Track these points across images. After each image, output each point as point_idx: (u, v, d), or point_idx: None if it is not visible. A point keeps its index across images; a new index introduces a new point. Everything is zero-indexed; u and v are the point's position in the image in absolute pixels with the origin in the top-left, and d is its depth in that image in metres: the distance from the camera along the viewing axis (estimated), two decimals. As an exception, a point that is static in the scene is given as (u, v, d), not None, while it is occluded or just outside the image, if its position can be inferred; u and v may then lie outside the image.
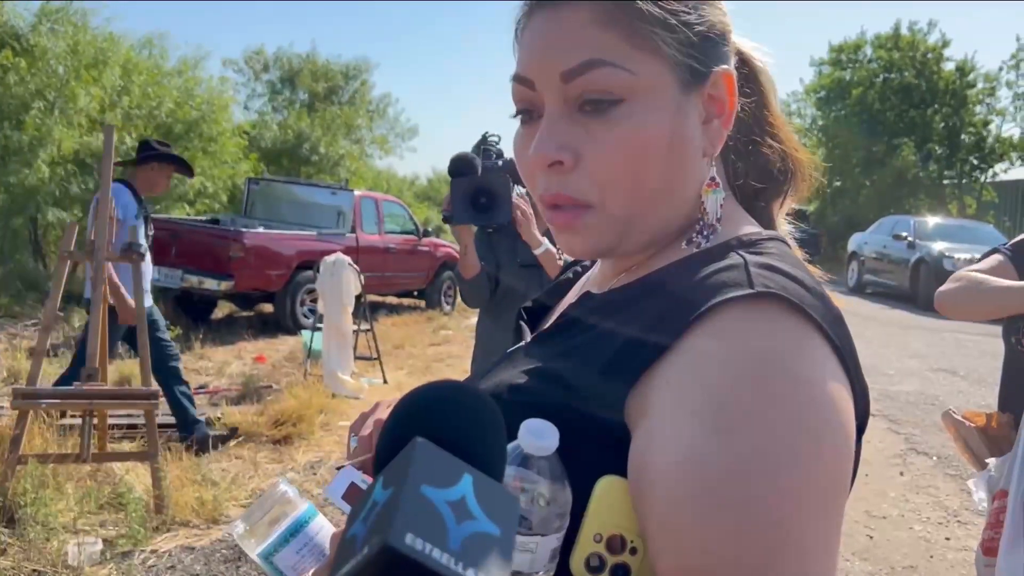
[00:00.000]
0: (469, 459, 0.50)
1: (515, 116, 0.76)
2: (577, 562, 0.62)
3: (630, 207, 0.71)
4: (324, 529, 0.76)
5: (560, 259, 2.49)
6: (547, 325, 0.85)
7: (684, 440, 0.57)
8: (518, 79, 0.73)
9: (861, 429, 0.67)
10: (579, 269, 0.99)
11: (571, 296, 0.92)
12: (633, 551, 0.62)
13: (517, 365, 0.74)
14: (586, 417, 0.64)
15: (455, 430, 0.53)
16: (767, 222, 0.84)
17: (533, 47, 0.71)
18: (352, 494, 0.78)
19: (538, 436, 0.60)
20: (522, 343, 0.85)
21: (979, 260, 2.09)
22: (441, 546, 0.43)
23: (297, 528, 0.75)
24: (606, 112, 0.68)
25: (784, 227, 0.87)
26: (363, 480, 0.77)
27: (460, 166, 2.18)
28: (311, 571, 0.73)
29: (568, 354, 0.70)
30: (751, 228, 0.76)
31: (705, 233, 0.73)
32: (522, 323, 0.93)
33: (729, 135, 0.78)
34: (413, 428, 0.52)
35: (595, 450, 0.63)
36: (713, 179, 0.74)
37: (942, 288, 2.02)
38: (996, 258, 2.07)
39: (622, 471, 0.62)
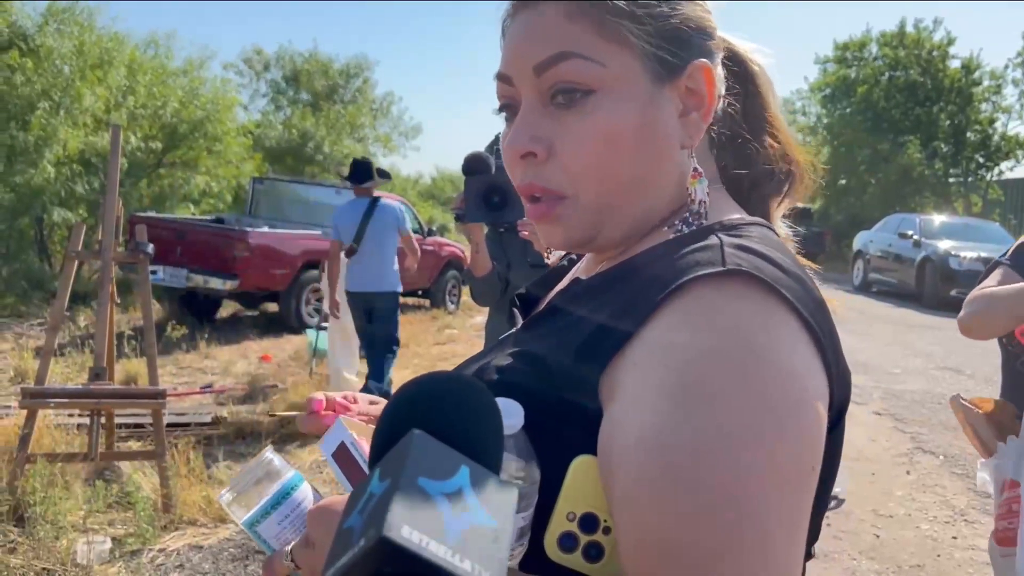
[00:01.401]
0: (466, 450, 0.51)
1: (498, 112, 0.78)
2: (550, 541, 0.62)
3: (602, 197, 0.72)
4: (308, 499, 0.77)
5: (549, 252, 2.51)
6: (537, 311, 0.86)
7: (646, 418, 0.57)
8: (499, 76, 0.75)
9: (840, 414, 0.67)
10: (574, 257, 0.99)
11: (562, 283, 0.93)
12: (606, 530, 0.62)
13: (505, 349, 0.75)
14: (563, 399, 0.65)
15: (452, 422, 0.53)
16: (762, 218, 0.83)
17: (511, 45, 0.73)
18: (341, 455, 0.78)
19: (504, 415, 0.60)
20: (513, 330, 0.86)
21: (983, 279, 2.12)
22: (438, 538, 0.43)
23: (281, 498, 0.75)
24: (577, 104, 0.69)
25: (782, 230, 0.87)
26: (352, 443, 0.78)
27: (474, 165, 2.20)
28: (292, 543, 0.73)
29: (549, 337, 0.71)
30: (736, 215, 0.76)
31: (690, 220, 0.73)
32: (515, 310, 0.94)
33: (720, 129, 0.78)
34: (410, 420, 0.52)
35: (572, 431, 0.64)
36: (696, 170, 0.74)
37: (960, 315, 2.05)
38: (999, 271, 2.09)
39: (595, 451, 0.62)
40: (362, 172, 5.59)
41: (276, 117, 22.42)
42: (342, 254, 5.54)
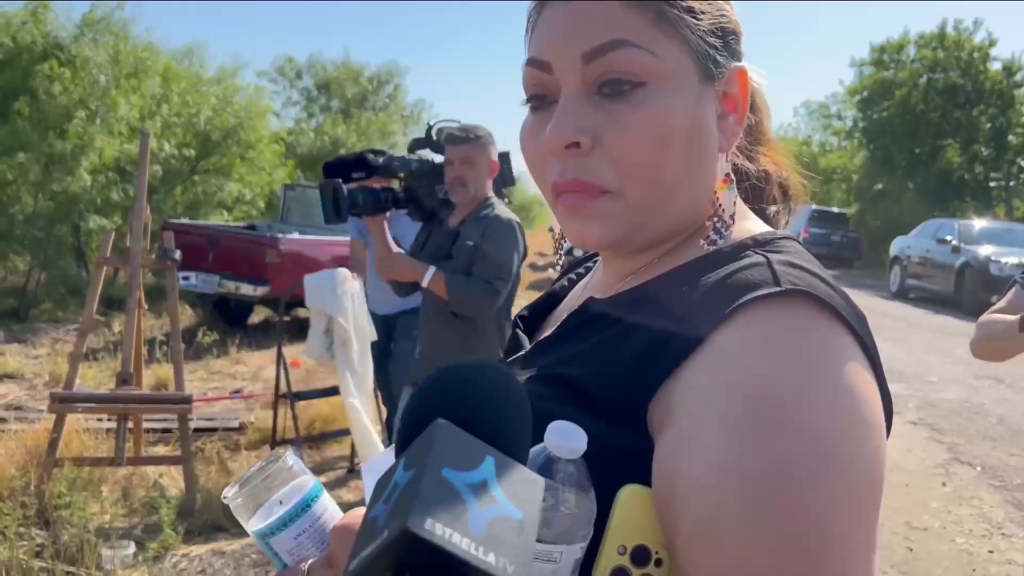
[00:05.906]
0: (492, 440, 0.49)
1: (525, 103, 0.74)
2: (601, 575, 0.59)
3: (649, 195, 0.68)
4: (328, 511, 0.70)
5: (559, 258, 2.48)
6: (548, 333, 0.81)
7: (717, 447, 0.55)
8: (534, 62, 0.70)
9: (887, 429, 0.65)
10: (573, 277, 0.95)
11: (569, 303, 0.89)
12: (658, 563, 0.59)
13: (519, 374, 0.71)
14: (602, 425, 0.61)
15: (477, 411, 0.51)
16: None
17: (553, 29, 0.69)
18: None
19: (566, 438, 0.57)
20: (520, 352, 0.81)
21: (1001, 298, 2.12)
22: (462, 531, 0.43)
23: (301, 510, 0.69)
24: (627, 95, 0.66)
25: None
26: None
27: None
28: (310, 561, 0.67)
29: (578, 359, 0.67)
30: (763, 228, 0.74)
31: (721, 230, 0.70)
32: (519, 332, 0.89)
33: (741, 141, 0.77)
34: (435, 409, 0.50)
35: (612, 459, 0.60)
36: (728, 175, 0.72)
37: (971, 339, 2.08)
38: (1012, 291, 2.08)
39: (639, 479, 0.59)
40: None
41: (308, 124, 22.71)
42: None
